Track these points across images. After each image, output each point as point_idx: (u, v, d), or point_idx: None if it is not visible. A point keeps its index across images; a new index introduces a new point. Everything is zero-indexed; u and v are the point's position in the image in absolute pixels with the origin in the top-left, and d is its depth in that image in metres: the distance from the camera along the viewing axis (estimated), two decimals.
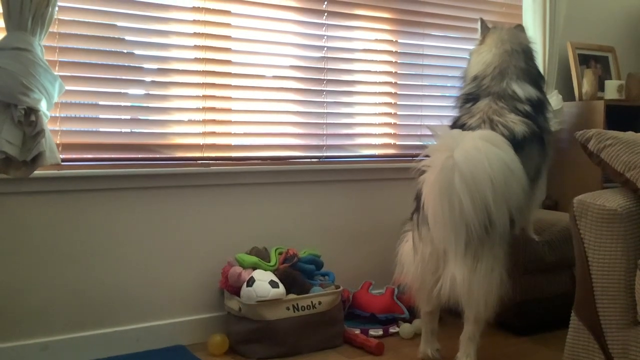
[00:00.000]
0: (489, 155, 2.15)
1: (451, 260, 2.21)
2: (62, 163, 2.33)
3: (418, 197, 2.33)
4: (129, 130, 2.52)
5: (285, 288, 2.48)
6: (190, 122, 2.65)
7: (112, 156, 2.48)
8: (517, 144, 2.29)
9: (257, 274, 2.47)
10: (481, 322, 2.27)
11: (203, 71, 2.65)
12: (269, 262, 2.59)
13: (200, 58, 2.64)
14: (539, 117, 2.52)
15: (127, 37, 2.50)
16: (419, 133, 3.25)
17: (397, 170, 3.14)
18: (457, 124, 2.51)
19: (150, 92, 2.56)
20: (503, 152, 2.19)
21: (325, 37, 2.95)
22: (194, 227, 2.64)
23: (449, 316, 3.00)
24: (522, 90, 2.51)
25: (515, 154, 2.21)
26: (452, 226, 2.12)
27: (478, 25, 2.77)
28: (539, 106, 2.54)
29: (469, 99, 2.56)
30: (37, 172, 2.21)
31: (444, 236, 2.16)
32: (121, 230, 2.49)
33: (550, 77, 3.34)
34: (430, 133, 3.23)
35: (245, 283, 2.45)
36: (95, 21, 2.43)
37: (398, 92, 3.18)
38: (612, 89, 3.45)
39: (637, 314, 1.86)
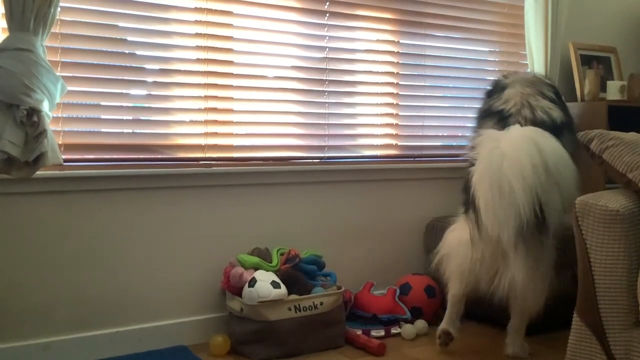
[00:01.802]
0: (538, 142, 2.25)
1: (511, 260, 2.29)
2: (64, 163, 2.34)
3: (467, 189, 2.39)
4: (130, 130, 2.52)
5: (287, 289, 2.48)
6: (192, 122, 2.65)
7: (114, 157, 2.48)
8: (557, 129, 2.41)
9: (259, 275, 2.47)
10: (527, 316, 2.42)
11: (205, 72, 2.65)
12: (271, 262, 2.59)
13: (202, 58, 2.64)
14: (563, 105, 2.66)
15: (129, 38, 2.51)
16: (420, 134, 3.25)
17: (399, 171, 3.14)
18: (491, 111, 2.62)
19: (152, 93, 2.56)
20: (550, 140, 2.30)
21: (327, 37, 2.95)
22: (196, 227, 2.64)
23: None
24: (543, 76, 2.73)
25: (560, 144, 2.32)
26: (503, 211, 2.19)
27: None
28: (559, 95, 2.71)
29: (496, 89, 2.71)
30: (39, 173, 2.22)
31: (496, 223, 2.22)
32: (123, 230, 2.49)
33: (551, 78, 3.34)
34: (431, 134, 3.25)
35: (246, 283, 2.45)
36: (97, 22, 2.44)
37: (400, 93, 3.18)
38: (614, 90, 3.44)
39: None
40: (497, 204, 2.19)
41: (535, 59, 3.33)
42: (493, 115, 2.60)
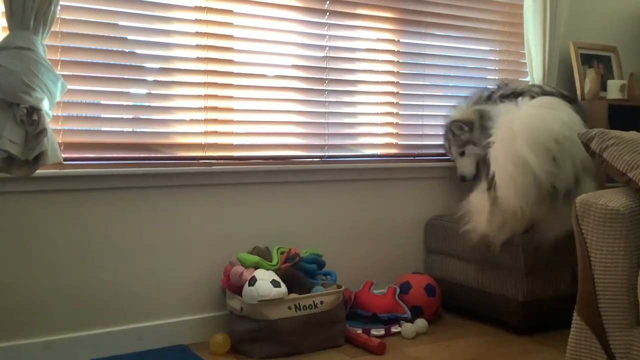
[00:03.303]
0: (546, 118, 2.49)
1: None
2: (64, 162, 2.34)
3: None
4: (130, 129, 2.52)
5: (287, 287, 2.48)
6: (192, 121, 2.65)
7: (114, 155, 2.48)
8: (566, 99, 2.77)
9: (259, 274, 2.47)
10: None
11: (205, 70, 2.65)
12: (271, 261, 2.59)
13: (202, 57, 2.64)
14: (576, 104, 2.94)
15: (129, 37, 2.50)
16: (420, 133, 3.25)
17: (399, 170, 3.14)
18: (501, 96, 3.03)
19: (152, 92, 2.56)
20: (559, 112, 2.53)
21: (328, 36, 2.95)
22: (196, 226, 2.64)
23: (449, 315, 3.00)
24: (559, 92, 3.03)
25: (573, 112, 2.56)
26: (521, 180, 2.42)
27: None
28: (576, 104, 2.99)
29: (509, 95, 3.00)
30: (39, 172, 2.22)
31: (514, 193, 2.45)
32: (123, 229, 2.49)
33: (550, 77, 3.34)
34: (431, 133, 3.25)
35: (247, 282, 2.45)
36: (98, 20, 2.43)
37: (400, 92, 3.18)
38: (614, 89, 3.44)
39: None
40: (515, 173, 2.40)
41: (534, 58, 3.33)
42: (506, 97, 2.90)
